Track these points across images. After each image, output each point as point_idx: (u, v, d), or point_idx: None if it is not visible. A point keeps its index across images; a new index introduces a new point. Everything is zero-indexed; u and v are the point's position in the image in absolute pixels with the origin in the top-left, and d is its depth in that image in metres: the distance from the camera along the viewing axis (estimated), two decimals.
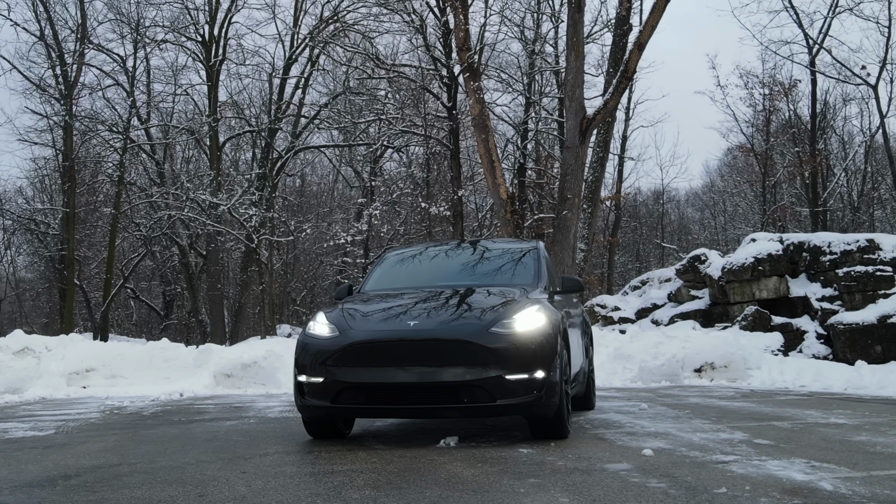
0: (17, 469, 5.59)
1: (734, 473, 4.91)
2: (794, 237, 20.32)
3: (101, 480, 5.06)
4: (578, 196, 20.93)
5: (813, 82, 30.67)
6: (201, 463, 5.70)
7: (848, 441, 6.38)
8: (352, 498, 4.36)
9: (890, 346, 17.10)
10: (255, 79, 34.93)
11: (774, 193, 34.48)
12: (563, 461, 5.47)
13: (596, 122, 20.84)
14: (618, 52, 22.79)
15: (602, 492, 4.43)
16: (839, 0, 28.94)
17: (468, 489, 4.55)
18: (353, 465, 5.42)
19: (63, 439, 7.33)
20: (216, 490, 4.67)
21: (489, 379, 6.15)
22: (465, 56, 21.72)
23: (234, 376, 14.33)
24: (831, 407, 9.42)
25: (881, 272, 18.36)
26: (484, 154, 21.96)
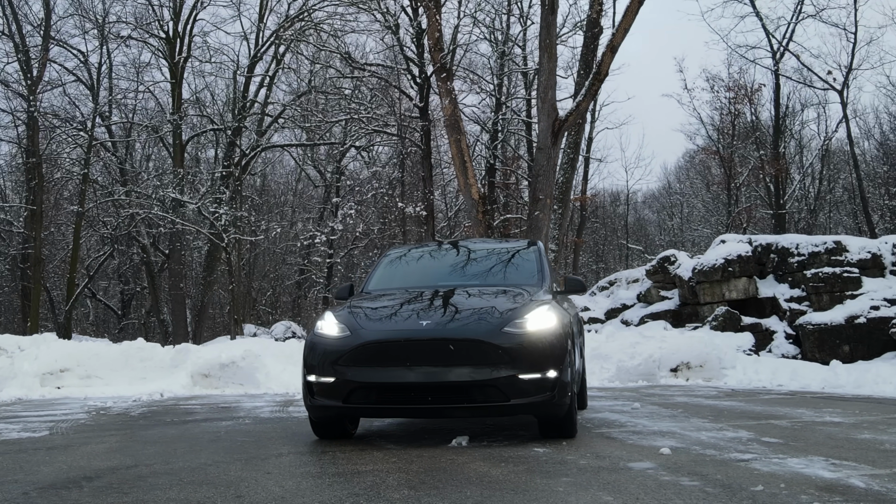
0: (31, 470, 5.49)
1: (760, 471, 4.98)
2: (762, 239, 20.64)
3: (127, 482, 4.98)
4: (550, 197, 21.04)
5: (776, 86, 31.23)
6: (220, 464, 5.64)
7: (854, 439, 6.50)
8: (393, 498, 4.35)
9: (857, 346, 17.46)
10: (220, 76, 34.64)
11: (738, 196, 34.93)
12: (584, 460, 5.51)
13: (568, 124, 20.95)
14: (588, 54, 22.93)
15: (640, 490, 4.46)
16: (803, 6, 29.52)
17: (506, 488, 4.56)
18: (376, 465, 5.40)
19: (62, 440, 7.21)
20: (250, 491, 4.63)
21: (503, 379, 6.17)
22: (438, 56, 21.73)
23: (211, 376, 14.19)
24: (819, 406, 9.58)
25: (848, 273, 18.73)
26: (456, 154, 21.99)
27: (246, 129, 31.70)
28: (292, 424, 8.29)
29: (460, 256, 8.40)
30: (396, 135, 26.43)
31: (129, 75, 33.39)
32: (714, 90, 34.02)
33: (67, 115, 30.79)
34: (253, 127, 31.94)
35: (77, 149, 32.46)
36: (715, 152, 34.51)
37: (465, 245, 8.85)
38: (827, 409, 9.04)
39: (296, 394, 12.60)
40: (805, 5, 29.64)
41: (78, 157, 31.65)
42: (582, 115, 22.44)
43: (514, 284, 7.50)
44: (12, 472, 5.43)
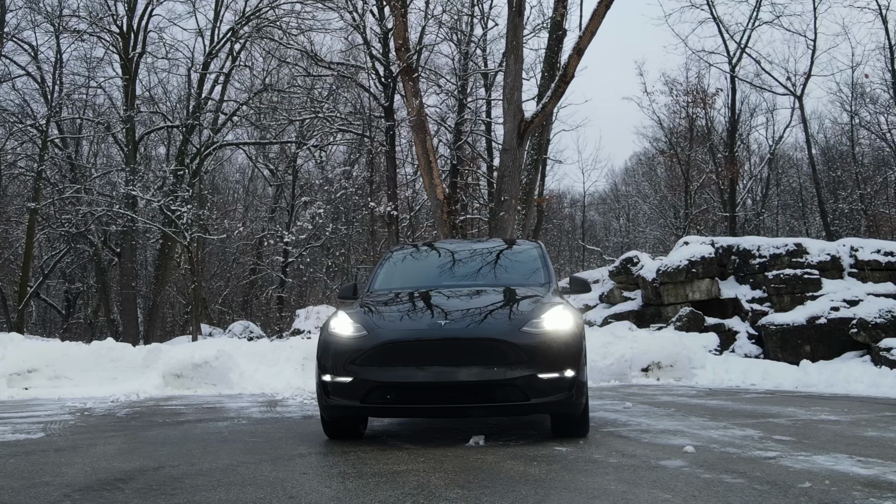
0: (55, 473, 5.35)
1: (794, 468, 5.06)
2: (723, 241, 21.00)
3: (165, 483, 4.89)
4: (515, 197, 21.15)
5: (733, 91, 31.77)
6: (247, 464, 5.57)
7: (864, 437, 6.65)
8: (451, 497, 4.33)
9: (818, 346, 17.86)
10: (174, 73, 34.18)
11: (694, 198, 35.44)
12: (613, 458, 5.55)
13: (534, 125, 21.08)
14: (552, 56, 23.07)
15: (690, 488, 4.51)
16: (759, 13, 30.12)
17: (557, 486, 4.57)
18: (409, 466, 5.37)
19: (64, 442, 7.05)
20: (299, 491, 4.57)
21: (523, 378, 6.18)
22: (404, 56, 21.70)
23: (184, 377, 14.01)
24: (806, 404, 9.77)
25: (809, 275, 19.13)
26: (421, 154, 21.98)
27: (201, 126, 31.26)
28: (291, 424, 8.22)
29: (464, 256, 8.40)
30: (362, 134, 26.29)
31: (80, 70, 32.73)
32: (673, 94, 34.57)
33: (18, 111, 30.02)
34: (207, 124, 31.49)
35: (25, 144, 31.76)
36: (673, 155, 35.00)
37: (467, 245, 8.87)
38: (815, 408, 9.23)
39: (275, 394, 12.51)
40: (762, 12, 30.21)
41: (31, 153, 30.87)
42: (547, 117, 22.57)
43: (522, 285, 7.53)
44: (37, 475, 5.29)
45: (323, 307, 25.37)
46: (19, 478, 5.21)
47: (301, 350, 15.45)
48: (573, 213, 58.29)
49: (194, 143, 31.36)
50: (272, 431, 7.65)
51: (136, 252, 32.47)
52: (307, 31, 29.25)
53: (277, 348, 15.66)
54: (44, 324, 45.30)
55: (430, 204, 23.52)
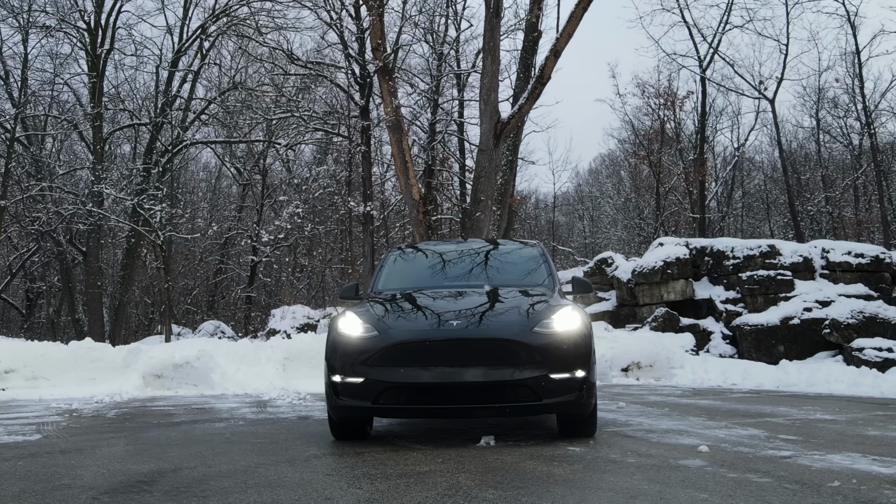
0: (72, 475, 5.26)
1: (815, 468, 5.12)
2: (696, 242, 21.23)
3: (191, 485, 4.83)
4: (491, 198, 21.22)
5: (703, 93, 32.11)
6: (265, 465, 5.52)
7: (867, 436, 6.75)
8: (487, 497, 4.33)
9: (791, 346, 18.11)
10: (142, 70, 33.78)
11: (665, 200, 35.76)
12: (631, 458, 5.58)
13: (511, 126, 21.17)
14: (528, 57, 23.19)
15: (722, 487, 4.54)
16: (730, 17, 30.50)
17: (591, 486, 4.58)
18: (431, 466, 5.35)
19: (64, 444, 6.93)
20: (332, 493, 4.53)
21: (535, 378, 6.20)
22: (380, 56, 21.67)
23: (164, 377, 13.87)
24: (795, 404, 9.91)
25: (782, 276, 19.40)
26: (397, 154, 21.98)
27: (170, 124, 30.93)
28: (290, 425, 8.18)
29: (466, 257, 8.40)
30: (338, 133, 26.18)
31: (46, 67, 32.22)
32: (644, 96, 34.87)
33: None
34: (176, 123, 31.16)
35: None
36: (644, 157, 35.28)
37: (468, 245, 8.86)
38: (807, 408, 9.36)
39: (260, 394, 12.44)
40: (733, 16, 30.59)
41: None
42: (523, 118, 22.64)
43: (527, 285, 7.56)
44: (54, 477, 5.21)
45: (298, 307, 25.25)
46: (36, 480, 5.12)
47: (282, 350, 15.38)
48: (537, 213, 58.59)
49: (162, 142, 31.03)
50: (274, 432, 7.59)
51: (101, 251, 32.00)
52: (278, 29, 29.09)
53: (258, 348, 15.57)
54: (2, 323, 44.53)
55: (405, 204, 23.51)
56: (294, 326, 23.67)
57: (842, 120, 37.66)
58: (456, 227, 31.04)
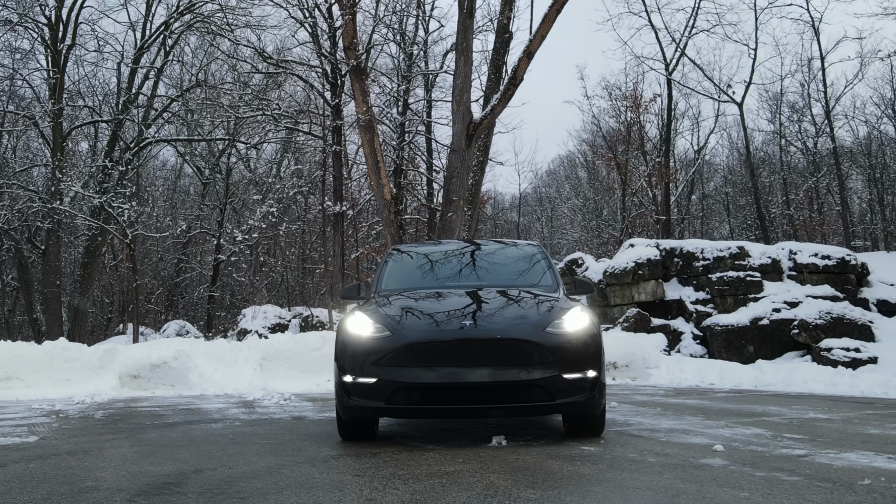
0: (94, 477, 5.17)
1: (837, 466, 5.19)
2: (666, 243, 21.47)
3: (222, 486, 4.76)
4: (463, 198, 21.25)
5: (669, 96, 32.48)
6: (287, 466, 5.46)
7: (870, 434, 6.87)
8: (530, 497, 4.33)
9: (761, 346, 18.40)
10: (103, 67, 33.26)
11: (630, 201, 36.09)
12: (651, 458, 5.61)
13: (483, 127, 21.20)
14: (499, 58, 23.20)
15: (757, 485, 4.58)
16: (696, 21, 30.91)
17: (628, 486, 4.60)
18: (456, 467, 5.32)
19: (66, 445, 6.80)
20: (373, 493, 4.52)
21: (548, 378, 6.22)
22: (353, 56, 21.57)
23: (141, 377, 13.74)
24: (782, 403, 10.05)
25: (751, 277, 19.70)
26: (369, 154, 21.89)
27: (132, 122, 30.52)
28: (288, 426, 8.11)
29: (469, 257, 8.40)
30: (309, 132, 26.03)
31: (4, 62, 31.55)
32: (612, 98, 35.18)
33: None
34: (139, 120, 30.75)
35: None
36: (611, 158, 35.59)
37: (469, 245, 8.87)
38: (796, 407, 9.50)
39: (242, 395, 12.36)
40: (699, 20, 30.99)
41: None
42: (495, 119, 22.67)
43: (532, 286, 7.58)
44: (76, 480, 5.11)
45: (269, 307, 25.07)
46: (58, 482, 5.02)
47: (259, 350, 15.28)
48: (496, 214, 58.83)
49: (125, 139, 30.61)
50: (275, 433, 7.53)
51: (61, 250, 31.46)
52: (242, 27, 28.87)
53: (235, 348, 15.43)
54: None
55: (376, 203, 23.44)
56: (266, 326, 23.50)
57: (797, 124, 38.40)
58: (423, 227, 31.05)
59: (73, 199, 27.28)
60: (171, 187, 41.21)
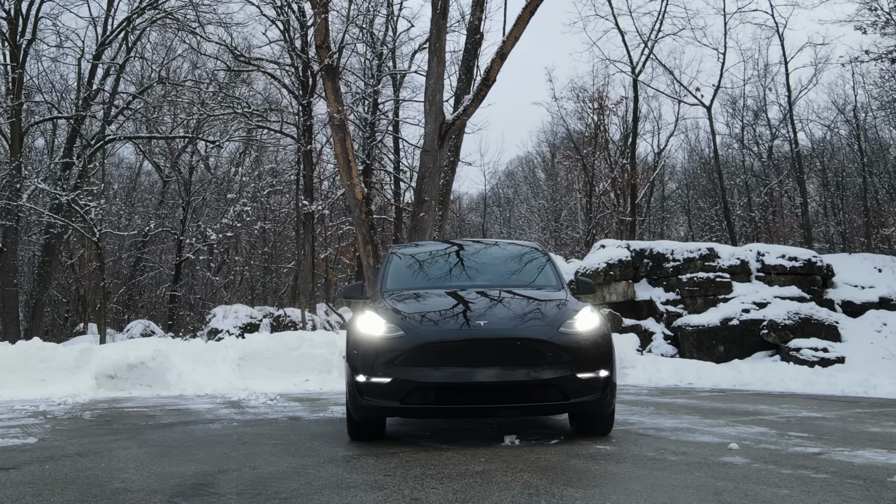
0: (120, 479, 5.08)
1: (857, 464, 5.29)
2: (636, 244, 21.67)
3: (257, 486, 4.71)
4: (435, 199, 21.25)
5: (635, 99, 32.80)
6: (311, 467, 5.42)
7: (871, 432, 6.99)
8: (573, 496, 4.35)
9: (731, 346, 18.66)
10: (62, 62, 32.73)
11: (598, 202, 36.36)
12: (672, 456, 5.67)
13: (455, 128, 21.23)
14: (470, 59, 23.22)
15: (791, 483, 4.65)
16: (662, 25, 31.28)
17: (665, 484, 4.63)
18: (483, 466, 5.32)
19: (71, 447, 6.68)
20: (415, 493, 4.51)
21: (563, 378, 6.26)
22: (324, 55, 21.46)
23: (118, 377, 13.56)
24: (770, 402, 10.21)
25: (721, 278, 19.96)
26: (341, 154, 21.78)
27: (93, 118, 30.05)
28: (289, 426, 8.07)
29: (472, 257, 8.40)
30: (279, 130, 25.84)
31: None
32: (580, 100, 35.44)
33: None
34: (101, 116, 30.29)
35: None
36: (579, 159, 35.82)
37: (471, 245, 8.88)
38: (785, 406, 9.66)
39: (223, 395, 12.27)
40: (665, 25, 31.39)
41: None
42: (468, 119, 22.69)
43: (538, 286, 7.62)
44: (102, 481, 5.02)
45: (240, 306, 24.84)
46: (85, 484, 4.94)
47: (236, 350, 15.16)
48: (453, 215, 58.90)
49: (85, 136, 30.13)
50: (279, 433, 7.48)
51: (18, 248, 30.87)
52: (207, 24, 28.59)
53: (212, 348, 15.29)
54: None
55: (347, 203, 23.34)
56: (237, 326, 23.27)
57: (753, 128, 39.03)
58: (390, 226, 31.02)
59: (30, 197, 26.77)
60: (131, 185, 40.59)
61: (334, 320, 25.47)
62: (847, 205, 36.69)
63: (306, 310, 23.52)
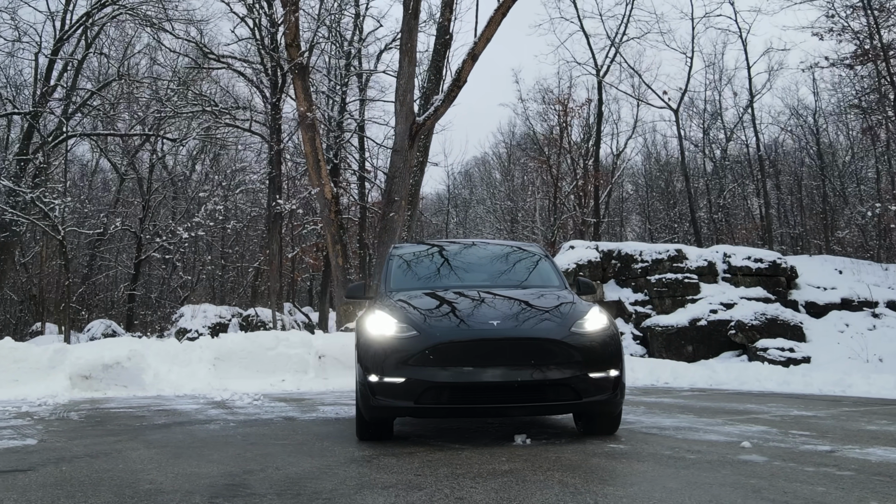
0: (147, 480, 4.99)
1: (873, 461, 5.39)
2: (604, 245, 21.87)
3: (293, 486, 4.67)
4: (405, 199, 21.27)
5: (599, 101, 33.08)
6: (335, 467, 5.39)
7: (868, 430, 7.13)
8: (615, 494, 4.39)
9: (699, 346, 18.92)
10: (18, 56, 32.10)
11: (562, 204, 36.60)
12: (691, 455, 5.73)
13: (426, 128, 21.30)
14: (439, 60, 23.29)
15: (822, 480, 4.73)
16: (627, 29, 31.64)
17: (702, 482, 4.67)
18: (509, 466, 5.34)
19: (79, 448, 6.55)
20: (461, 492, 4.50)
21: (576, 378, 6.31)
22: (295, 53, 21.37)
23: (92, 378, 13.34)
24: (755, 401, 10.36)
25: (689, 279, 20.23)
26: (310, 153, 21.74)
27: (51, 113, 29.53)
28: (288, 426, 8.00)
29: (474, 257, 8.41)
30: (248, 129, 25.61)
31: None
32: (545, 102, 35.66)
33: None
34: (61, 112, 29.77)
35: None
36: (545, 161, 36.03)
37: (471, 246, 8.89)
38: (772, 405, 9.82)
39: (203, 395, 12.15)
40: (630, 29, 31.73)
41: None
42: (438, 120, 22.73)
43: (542, 286, 7.67)
44: (131, 482, 4.93)
45: (209, 306, 24.58)
46: (114, 485, 4.86)
47: (212, 350, 15.00)
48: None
49: (42, 132, 29.58)
50: (283, 434, 7.43)
51: None
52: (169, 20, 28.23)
53: (188, 348, 15.12)
54: None
55: (316, 202, 23.23)
56: (206, 326, 23.03)
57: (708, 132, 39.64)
58: (354, 226, 30.91)
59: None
60: (87, 183, 39.93)
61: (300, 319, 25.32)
62: (804, 207, 37.40)
63: (276, 309, 23.36)
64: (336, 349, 15.45)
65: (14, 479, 5.19)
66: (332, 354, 15.37)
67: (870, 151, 34.49)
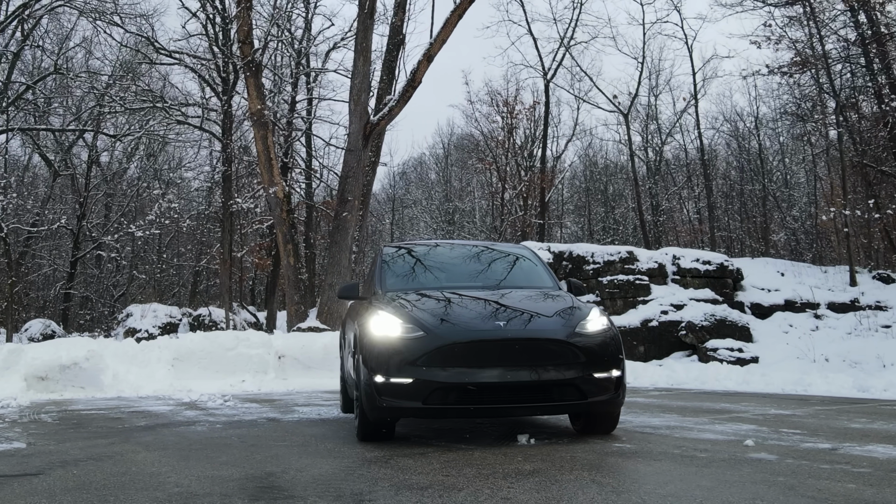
0: (172, 482, 4.91)
1: (881, 459, 5.54)
2: (557, 247, 22.07)
3: (329, 487, 4.66)
4: (358, 198, 21.20)
5: (546, 104, 33.38)
6: (357, 468, 5.34)
7: (855, 429, 7.32)
8: (659, 493, 4.42)
9: (650, 347, 19.22)
10: None
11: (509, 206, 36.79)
12: (702, 454, 5.80)
13: (379, 128, 21.26)
14: (392, 60, 23.25)
15: (844, 477, 4.84)
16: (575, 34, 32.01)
17: (727, 480, 4.73)
18: (533, 465, 5.39)
19: (77, 452, 6.41)
20: (507, 493, 4.52)
21: (580, 378, 6.38)
22: (247, 51, 21.13)
23: (49, 379, 13.05)
24: (728, 400, 10.56)
25: (640, 281, 20.53)
26: (262, 151, 21.52)
27: None
28: (278, 427, 7.94)
29: (469, 258, 8.40)
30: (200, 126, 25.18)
31: None
32: (494, 104, 35.82)
33: None
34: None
35: None
36: (492, 163, 36.18)
37: (463, 245, 8.89)
38: (746, 403, 10.02)
39: (168, 396, 11.97)
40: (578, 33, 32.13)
41: None
42: (392, 120, 22.68)
43: (538, 287, 7.71)
44: (156, 485, 4.83)
45: (158, 305, 24.09)
46: (141, 488, 4.75)
47: (171, 350, 14.77)
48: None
49: None
50: (279, 435, 7.37)
51: None
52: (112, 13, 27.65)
53: (146, 349, 14.85)
54: None
55: (268, 201, 22.99)
56: (157, 325, 22.58)
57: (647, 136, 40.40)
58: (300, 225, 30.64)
59: None
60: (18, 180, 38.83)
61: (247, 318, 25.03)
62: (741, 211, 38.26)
63: (228, 309, 23.04)
64: (296, 349, 15.34)
65: (30, 483, 5.06)
66: (292, 355, 15.26)
67: (803, 157, 35.49)
